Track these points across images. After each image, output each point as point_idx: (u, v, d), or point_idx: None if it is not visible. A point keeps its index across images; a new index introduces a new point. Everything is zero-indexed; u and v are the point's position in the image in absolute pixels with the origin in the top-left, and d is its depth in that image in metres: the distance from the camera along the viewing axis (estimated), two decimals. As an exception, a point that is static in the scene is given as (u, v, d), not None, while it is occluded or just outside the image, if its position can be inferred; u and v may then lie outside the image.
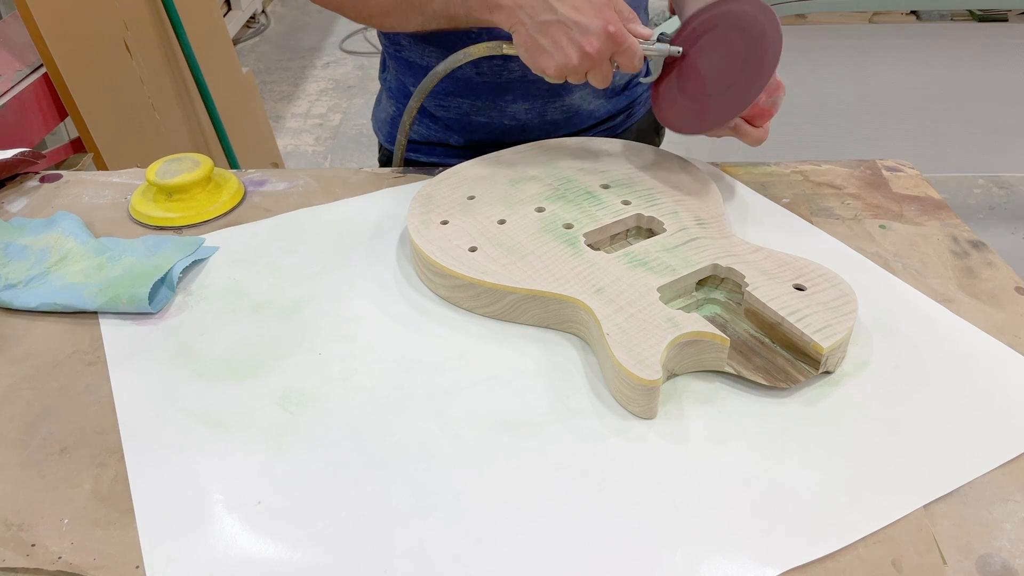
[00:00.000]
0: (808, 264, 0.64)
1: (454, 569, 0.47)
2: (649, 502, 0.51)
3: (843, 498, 0.51)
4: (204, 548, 0.49)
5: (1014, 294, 0.67)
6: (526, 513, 0.50)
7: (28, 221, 0.80)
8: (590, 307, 0.61)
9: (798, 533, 0.48)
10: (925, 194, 0.81)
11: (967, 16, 1.97)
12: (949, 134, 1.85)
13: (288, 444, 0.56)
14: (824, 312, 0.60)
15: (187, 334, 0.66)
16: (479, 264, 0.66)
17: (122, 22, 1.54)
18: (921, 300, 0.67)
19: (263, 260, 0.75)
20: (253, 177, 0.89)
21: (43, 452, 0.56)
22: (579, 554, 0.48)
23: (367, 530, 0.50)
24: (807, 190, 0.82)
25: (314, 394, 0.60)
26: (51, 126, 1.35)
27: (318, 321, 0.67)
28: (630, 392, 0.56)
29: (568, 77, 0.69)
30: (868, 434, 0.55)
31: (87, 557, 0.49)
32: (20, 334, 0.67)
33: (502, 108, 0.87)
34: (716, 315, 0.64)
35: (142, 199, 0.83)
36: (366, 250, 0.75)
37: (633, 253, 0.67)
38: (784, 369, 0.59)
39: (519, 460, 0.54)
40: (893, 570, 0.47)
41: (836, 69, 1.92)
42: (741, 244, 0.67)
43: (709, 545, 0.48)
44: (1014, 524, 0.49)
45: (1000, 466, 0.52)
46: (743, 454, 0.54)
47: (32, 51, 1.31)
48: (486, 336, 0.65)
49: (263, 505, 0.52)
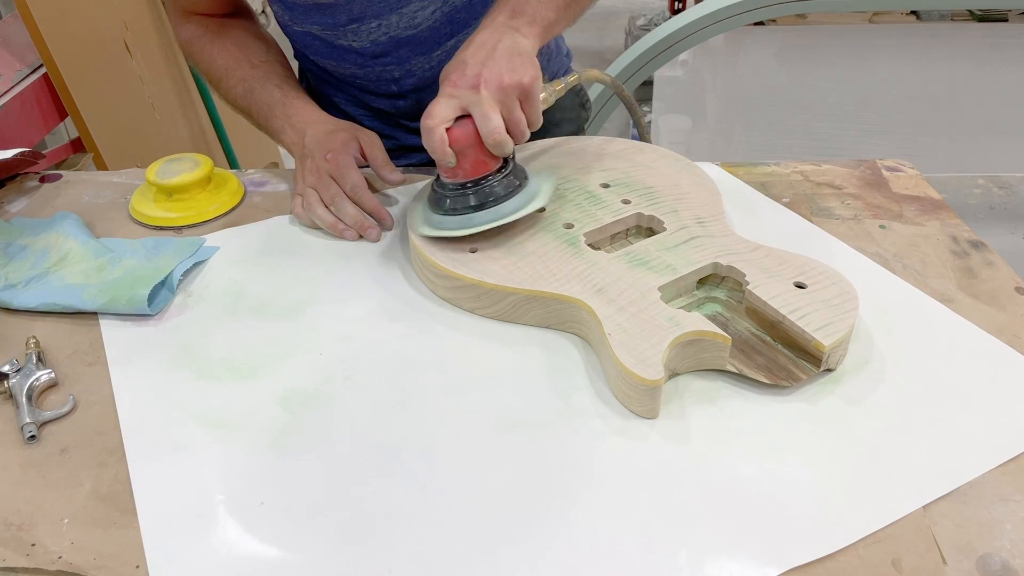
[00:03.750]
0: (808, 262, 0.64)
1: (457, 569, 0.47)
2: (652, 501, 0.51)
3: (845, 497, 0.51)
4: (207, 549, 0.49)
5: (1014, 294, 0.67)
6: (529, 513, 0.50)
7: (28, 221, 0.80)
8: (591, 307, 0.61)
9: (800, 532, 0.48)
10: (925, 194, 0.81)
11: (967, 16, 1.97)
12: (949, 134, 1.86)
13: (290, 445, 0.56)
14: (825, 310, 0.60)
15: (188, 335, 0.66)
16: (480, 265, 0.66)
17: (122, 22, 1.54)
18: (921, 299, 0.67)
19: (263, 261, 0.75)
20: (253, 177, 0.89)
21: (43, 452, 0.56)
22: (582, 553, 0.48)
23: (370, 530, 0.50)
24: (807, 190, 0.82)
25: (316, 394, 0.60)
26: (51, 126, 1.35)
27: (319, 322, 0.67)
28: (632, 392, 0.56)
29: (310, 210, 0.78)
30: (870, 432, 0.55)
31: (87, 557, 0.49)
32: (20, 334, 0.67)
33: None
34: (717, 314, 0.64)
35: (142, 199, 0.83)
36: (366, 251, 0.75)
37: (633, 252, 0.67)
38: (786, 367, 0.59)
39: (521, 460, 0.54)
40: (893, 570, 0.47)
41: (836, 69, 1.93)
42: (741, 242, 0.67)
43: (712, 544, 0.48)
44: (1014, 524, 0.49)
45: (1000, 466, 0.52)
46: (745, 453, 0.54)
47: (32, 51, 1.31)
48: (487, 336, 0.65)
49: (266, 506, 0.52)
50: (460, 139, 0.66)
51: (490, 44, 0.67)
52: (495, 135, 0.65)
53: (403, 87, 0.90)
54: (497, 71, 0.65)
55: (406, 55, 0.87)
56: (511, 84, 0.65)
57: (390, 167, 0.80)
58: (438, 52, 0.87)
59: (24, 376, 0.61)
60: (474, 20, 0.84)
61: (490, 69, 0.65)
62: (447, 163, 0.66)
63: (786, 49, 1.93)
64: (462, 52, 0.68)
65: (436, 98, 0.67)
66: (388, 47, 0.86)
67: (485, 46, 0.67)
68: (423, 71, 0.89)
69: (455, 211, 0.69)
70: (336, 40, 0.86)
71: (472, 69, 0.65)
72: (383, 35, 0.85)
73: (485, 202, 0.68)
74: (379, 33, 0.85)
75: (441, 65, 0.76)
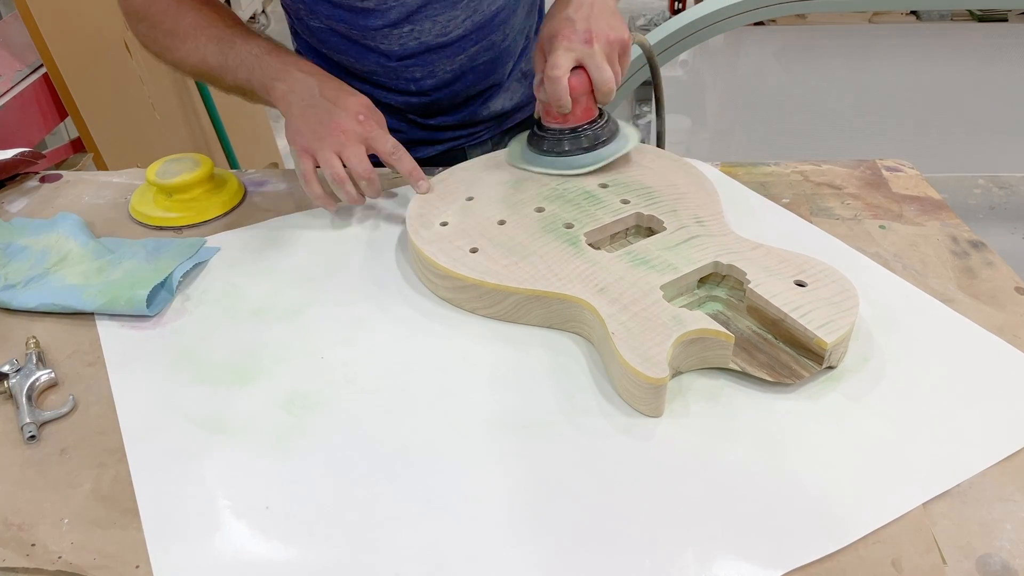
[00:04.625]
0: (808, 260, 0.65)
1: (466, 570, 0.47)
2: (657, 500, 0.51)
3: (850, 493, 0.51)
4: (214, 555, 0.49)
5: (1014, 294, 0.67)
6: (535, 513, 0.51)
7: (29, 221, 0.80)
8: (594, 307, 0.61)
9: (804, 530, 0.49)
10: (925, 194, 0.81)
11: (967, 16, 1.97)
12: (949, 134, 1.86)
13: (294, 448, 0.56)
14: (826, 307, 0.60)
15: (187, 339, 0.66)
16: (481, 265, 0.66)
17: (122, 22, 1.54)
18: (919, 296, 0.67)
19: (261, 264, 0.75)
20: (253, 177, 0.89)
21: (43, 452, 0.56)
22: (588, 552, 0.48)
23: (377, 533, 0.50)
24: (807, 190, 0.82)
25: (318, 397, 0.60)
26: (51, 126, 1.35)
27: (319, 324, 0.67)
28: (637, 391, 0.56)
29: (318, 156, 0.73)
30: (871, 430, 0.55)
31: (87, 557, 0.49)
32: (20, 334, 0.67)
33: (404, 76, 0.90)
34: (718, 312, 0.64)
35: (142, 199, 0.83)
36: (365, 252, 0.75)
37: (634, 252, 0.67)
38: (788, 365, 0.59)
39: (527, 460, 0.54)
40: (893, 570, 0.47)
41: (836, 69, 1.93)
42: (741, 241, 0.67)
43: (719, 543, 0.48)
44: (1014, 524, 0.49)
45: (1000, 466, 0.52)
46: (749, 452, 0.54)
47: (32, 51, 1.31)
48: (489, 337, 0.65)
49: (272, 510, 0.52)
50: (577, 87, 0.73)
51: (588, 3, 0.73)
52: (608, 84, 0.72)
53: (422, 87, 0.91)
54: (603, 27, 0.72)
55: (431, 59, 0.88)
56: (616, 39, 0.73)
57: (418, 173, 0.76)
58: (461, 56, 0.89)
59: (24, 376, 0.61)
60: (497, 29, 0.89)
61: (597, 25, 0.72)
62: (564, 110, 0.73)
63: (786, 49, 1.94)
64: (563, 10, 0.74)
65: (553, 52, 0.72)
66: (416, 51, 0.87)
67: (584, 5, 0.73)
68: (444, 73, 0.90)
69: (565, 152, 0.77)
70: (362, 40, 0.86)
71: (581, 25, 0.72)
72: (414, 40, 0.86)
73: (594, 144, 0.77)
74: (410, 38, 0.85)
75: (462, 68, 0.84)
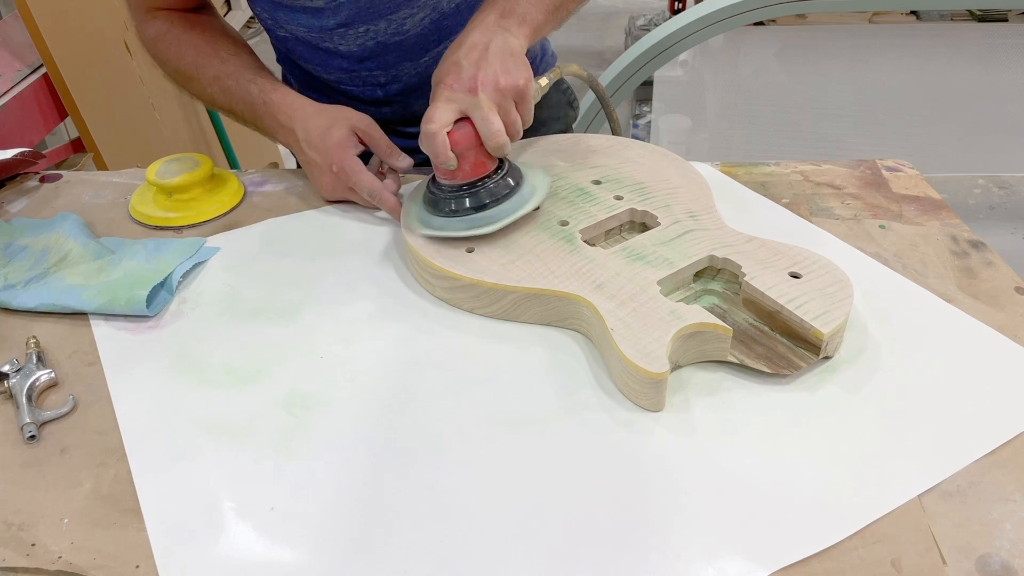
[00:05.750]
0: (801, 252, 0.65)
1: (472, 567, 0.47)
2: (660, 495, 0.51)
3: (848, 485, 0.51)
4: (220, 557, 0.49)
5: (1014, 294, 0.67)
6: (539, 509, 0.51)
7: (29, 221, 0.80)
8: (592, 303, 0.61)
9: (806, 522, 0.49)
10: (925, 194, 0.81)
11: (967, 16, 1.97)
12: (949, 134, 1.85)
13: (296, 448, 0.56)
14: (821, 298, 0.60)
15: (186, 341, 0.66)
16: (477, 264, 0.66)
17: (122, 22, 1.54)
18: (916, 291, 0.67)
19: (258, 264, 0.75)
20: (253, 177, 0.89)
21: (43, 452, 0.56)
22: (593, 547, 0.48)
23: (383, 532, 0.50)
24: (807, 190, 0.82)
25: (319, 398, 0.60)
26: (51, 126, 1.35)
27: (318, 324, 0.67)
28: (638, 385, 0.56)
29: (342, 196, 0.81)
30: (868, 421, 0.56)
31: (87, 557, 0.49)
32: (20, 334, 0.67)
33: None
34: (715, 306, 0.65)
35: (142, 199, 0.83)
36: (364, 251, 0.75)
37: (630, 248, 0.67)
38: (785, 356, 0.59)
39: (529, 457, 0.54)
40: (893, 570, 0.47)
41: (836, 69, 1.92)
42: (734, 235, 0.68)
43: (720, 537, 0.48)
44: (1014, 524, 0.49)
45: (1001, 465, 0.52)
46: (749, 445, 0.54)
47: (32, 51, 1.31)
48: (488, 335, 0.65)
49: (277, 511, 0.52)
50: (461, 142, 0.66)
51: (482, 45, 0.67)
52: (497, 138, 0.65)
53: (389, 92, 0.90)
54: (493, 73, 0.65)
55: (393, 60, 0.86)
56: (507, 86, 0.65)
57: (396, 153, 0.79)
58: (425, 59, 0.87)
59: (24, 376, 0.61)
60: (460, 27, 0.82)
61: (485, 72, 0.65)
62: (449, 166, 0.66)
63: (786, 49, 1.93)
64: (454, 53, 0.68)
65: (433, 101, 0.66)
66: (375, 51, 0.85)
67: (477, 47, 0.67)
68: (409, 76, 0.88)
69: (455, 212, 0.69)
70: (322, 43, 0.85)
71: (467, 71, 0.65)
72: (370, 40, 0.84)
73: (486, 202, 0.68)
74: (366, 38, 0.84)
75: (428, 70, 0.76)
